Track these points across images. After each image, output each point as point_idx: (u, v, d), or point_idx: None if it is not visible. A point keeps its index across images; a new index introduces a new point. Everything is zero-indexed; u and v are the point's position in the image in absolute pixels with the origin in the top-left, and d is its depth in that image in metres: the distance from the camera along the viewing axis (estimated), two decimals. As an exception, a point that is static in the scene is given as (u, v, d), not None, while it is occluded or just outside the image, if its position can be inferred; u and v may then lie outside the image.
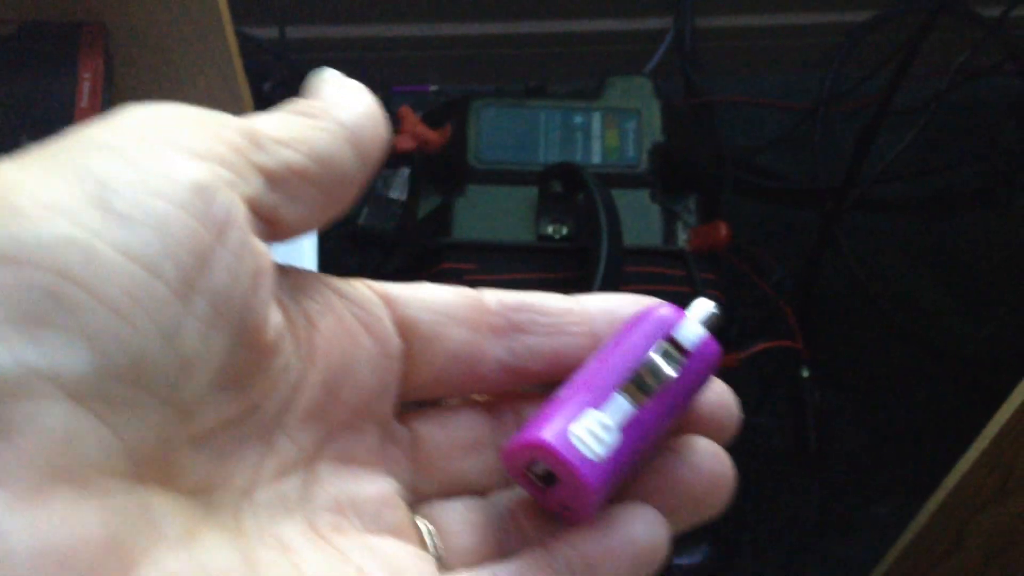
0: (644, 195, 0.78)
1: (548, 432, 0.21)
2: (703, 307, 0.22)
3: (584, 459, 0.20)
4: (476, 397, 0.23)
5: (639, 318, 0.22)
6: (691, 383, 0.22)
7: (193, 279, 0.17)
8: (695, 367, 0.22)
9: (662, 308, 0.22)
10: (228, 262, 0.17)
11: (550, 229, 0.76)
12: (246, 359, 0.18)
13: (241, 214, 0.18)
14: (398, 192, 0.97)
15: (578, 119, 0.81)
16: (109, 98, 0.55)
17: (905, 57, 0.70)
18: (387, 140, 0.21)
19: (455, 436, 0.22)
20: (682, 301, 0.22)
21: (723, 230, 0.76)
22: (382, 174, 0.98)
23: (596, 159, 0.79)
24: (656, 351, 0.22)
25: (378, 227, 0.96)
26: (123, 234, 0.16)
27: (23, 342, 0.15)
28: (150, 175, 0.17)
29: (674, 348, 0.22)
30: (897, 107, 0.76)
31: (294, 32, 0.96)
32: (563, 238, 0.75)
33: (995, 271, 0.97)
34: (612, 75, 0.84)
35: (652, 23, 1.04)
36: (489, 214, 0.77)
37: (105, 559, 0.15)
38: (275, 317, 0.19)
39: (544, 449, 0.20)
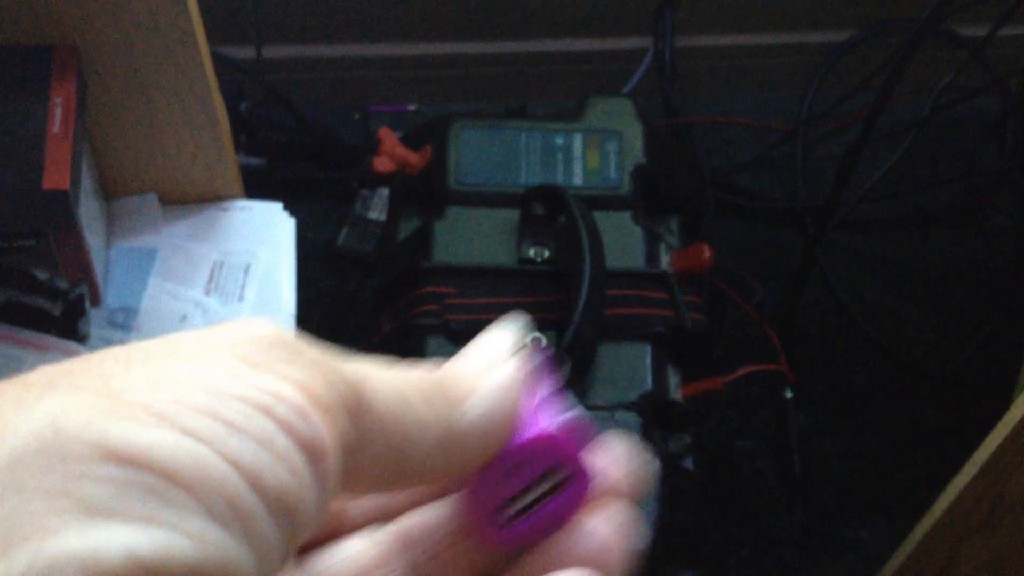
0: (626, 217, 0.77)
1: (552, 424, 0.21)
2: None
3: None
4: None
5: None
6: None
7: (287, 501, 0.17)
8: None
9: None
10: (315, 492, 0.18)
11: (532, 252, 0.75)
12: None
13: (333, 451, 0.18)
14: (377, 212, 0.95)
15: (559, 140, 0.80)
16: (82, 123, 0.54)
17: (890, 79, 0.70)
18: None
19: None
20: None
21: (706, 252, 0.75)
22: (361, 194, 0.97)
23: (578, 181, 0.79)
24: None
25: (357, 248, 0.95)
26: (234, 443, 0.17)
27: (130, 531, 0.15)
28: (258, 392, 0.17)
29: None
30: (879, 128, 0.76)
31: (271, 52, 0.95)
32: (545, 261, 0.74)
33: (976, 291, 0.98)
34: (593, 96, 0.83)
35: (632, 43, 1.04)
36: (470, 237, 0.76)
37: None
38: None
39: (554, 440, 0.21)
